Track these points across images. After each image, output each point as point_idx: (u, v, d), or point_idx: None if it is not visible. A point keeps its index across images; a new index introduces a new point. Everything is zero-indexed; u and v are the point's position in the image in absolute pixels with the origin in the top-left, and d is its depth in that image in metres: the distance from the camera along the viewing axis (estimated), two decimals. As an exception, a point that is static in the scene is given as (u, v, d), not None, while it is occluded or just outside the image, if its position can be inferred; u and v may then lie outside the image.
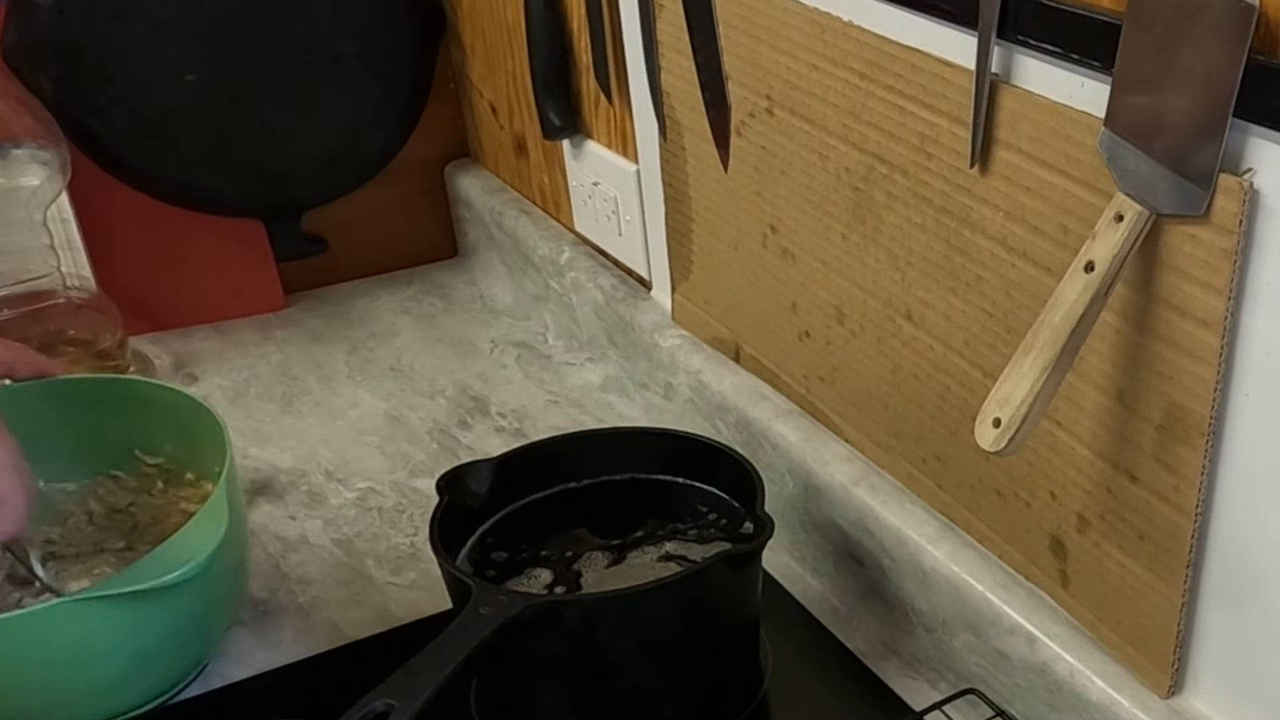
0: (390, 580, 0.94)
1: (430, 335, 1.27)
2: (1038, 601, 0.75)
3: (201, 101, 1.17)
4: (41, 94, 1.10)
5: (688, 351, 1.04)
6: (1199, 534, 0.63)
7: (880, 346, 0.82)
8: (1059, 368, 0.60)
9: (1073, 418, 0.68)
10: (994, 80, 0.66)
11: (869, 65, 0.75)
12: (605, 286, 1.14)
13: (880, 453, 0.86)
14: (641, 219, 1.08)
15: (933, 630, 0.81)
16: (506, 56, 1.22)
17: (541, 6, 1.09)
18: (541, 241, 1.23)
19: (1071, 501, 0.70)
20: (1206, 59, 0.54)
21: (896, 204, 0.76)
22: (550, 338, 1.25)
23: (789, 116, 0.83)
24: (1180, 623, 0.66)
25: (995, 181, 0.68)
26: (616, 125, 1.08)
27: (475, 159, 1.39)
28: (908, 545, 0.81)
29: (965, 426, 0.75)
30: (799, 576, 0.92)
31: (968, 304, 0.73)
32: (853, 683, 0.83)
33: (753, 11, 0.83)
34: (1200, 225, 0.57)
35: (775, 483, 0.92)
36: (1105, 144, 0.60)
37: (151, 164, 1.18)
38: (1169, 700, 0.68)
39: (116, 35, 1.12)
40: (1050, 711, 0.74)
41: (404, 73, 1.28)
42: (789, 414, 0.93)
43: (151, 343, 1.24)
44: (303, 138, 1.23)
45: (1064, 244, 0.65)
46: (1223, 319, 0.58)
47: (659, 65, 0.95)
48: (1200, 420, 0.61)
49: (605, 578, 0.81)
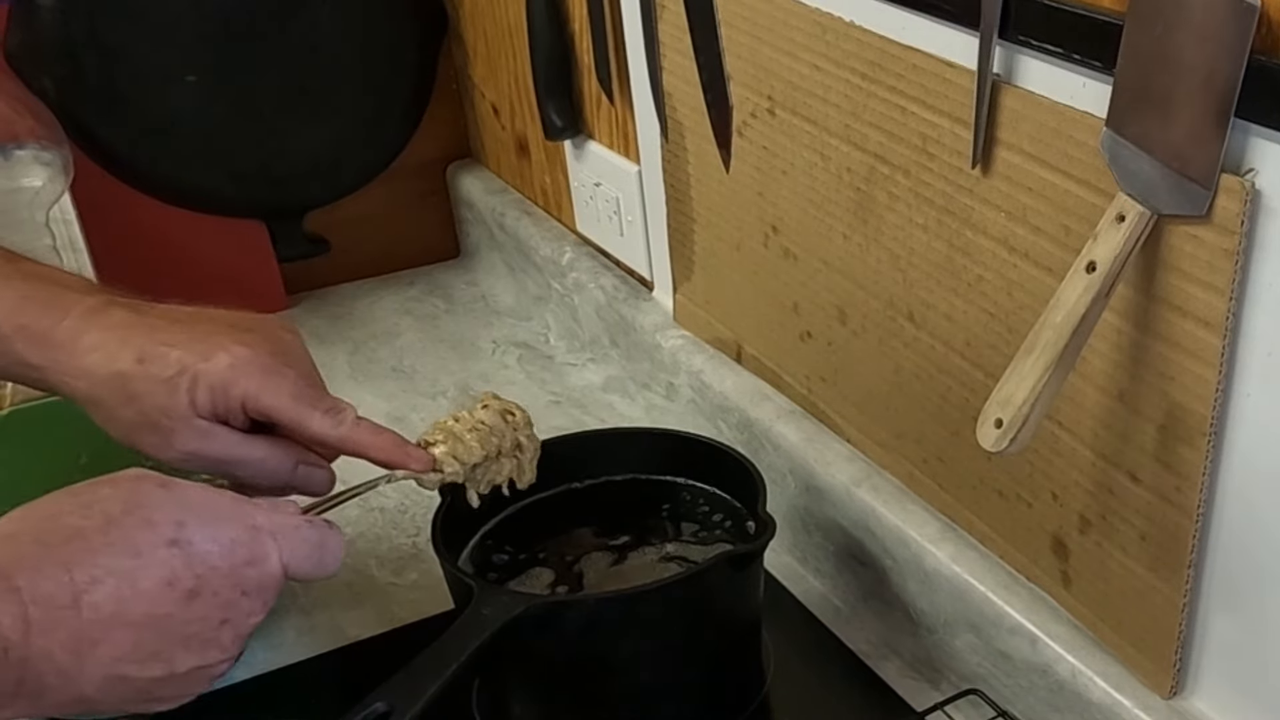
0: (392, 580, 0.94)
1: (432, 336, 1.27)
2: (1039, 602, 0.75)
3: (203, 102, 1.17)
4: (44, 95, 1.11)
5: (689, 352, 1.04)
6: (1200, 534, 0.63)
7: (882, 347, 0.82)
8: (1061, 368, 0.60)
9: (1074, 418, 0.68)
10: (995, 80, 0.66)
11: (870, 65, 0.75)
12: (607, 287, 1.14)
13: (882, 453, 0.86)
14: (643, 219, 1.08)
15: (934, 631, 0.81)
16: (508, 57, 1.22)
17: (543, 7, 1.09)
18: (543, 242, 1.23)
19: (1073, 502, 0.70)
20: (1208, 59, 0.54)
21: (898, 204, 0.76)
22: (552, 338, 1.25)
23: (790, 117, 0.83)
24: (1182, 623, 0.66)
25: (997, 182, 0.68)
26: (618, 126, 1.08)
27: (477, 159, 1.39)
28: (909, 546, 0.81)
29: (967, 427, 0.75)
30: (800, 577, 0.92)
31: (969, 304, 0.73)
32: (854, 683, 0.83)
33: (754, 12, 0.83)
34: (1202, 225, 0.57)
35: (777, 483, 0.92)
36: (1107, 144, 0.60)
37: (154, 165, 1.19)
38: (1171, 700, 0.68)
39: (118, 36, 1.12)
40: (1052, 712, 0.74)
41: (405, 73, 1.28)
42: (790, 414, 0.93)
43: (153, 343, 1.24)
44: (304, 138, 1.24)
45: (1065, 244, 0.65)
46: (1224, 319, 0.58)
47: (660, 66, 0.95)
48: (1202, 420, 0.61)
49: (607, 578, 0.81)
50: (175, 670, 0.57)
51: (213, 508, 0.59)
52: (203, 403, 0.66)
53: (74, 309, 0.68)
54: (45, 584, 0.53)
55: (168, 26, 1.14)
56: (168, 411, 0.65)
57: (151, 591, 0.55)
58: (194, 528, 0.57)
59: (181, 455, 0.68)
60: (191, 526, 0.57)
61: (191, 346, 0.67)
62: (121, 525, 0.56)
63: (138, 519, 0.56)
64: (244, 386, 0.66)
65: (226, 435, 0.68)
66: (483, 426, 0.74)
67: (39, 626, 0.53)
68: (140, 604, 0.55)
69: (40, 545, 0.55)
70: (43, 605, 0.53)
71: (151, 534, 0.56)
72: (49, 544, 0.55)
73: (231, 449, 0.68)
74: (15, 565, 0.53)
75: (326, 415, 0.68)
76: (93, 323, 0.67)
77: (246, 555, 0.58)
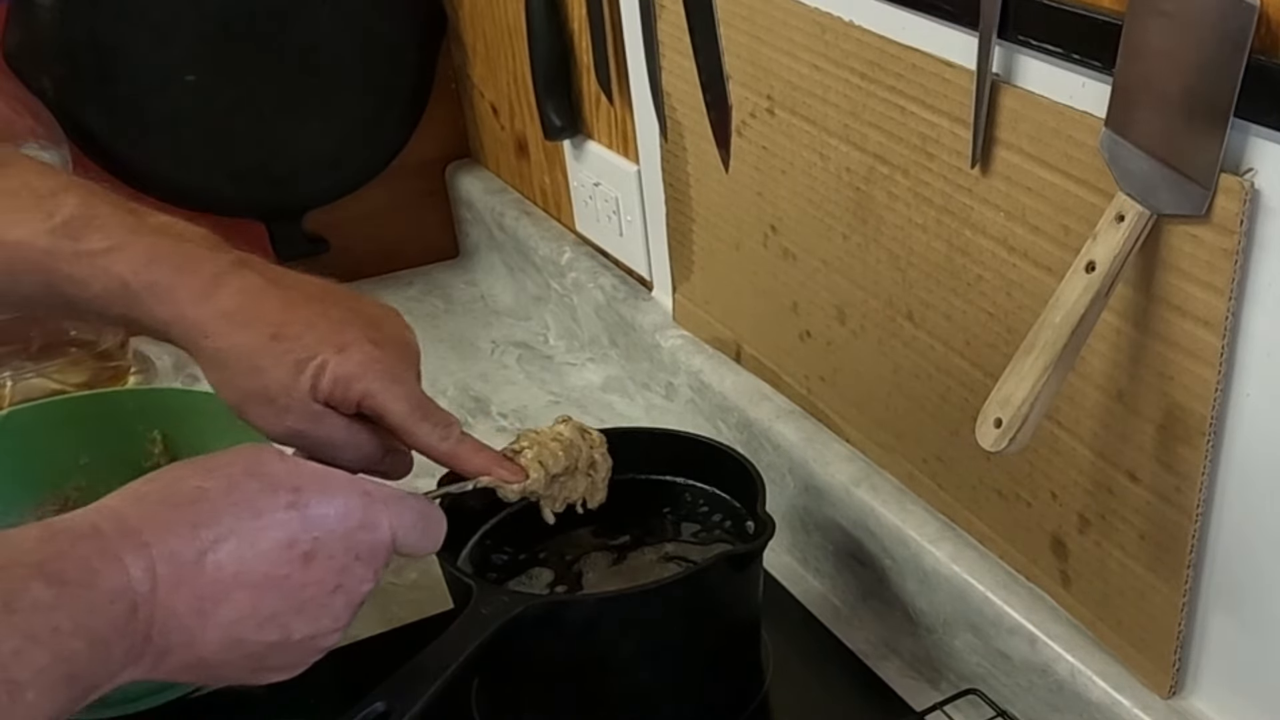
0: (391, 580, 0.94)
1: (431, 335, 1.27)
2: (1039, 602, 0.75)
3: (202, 102, 1.17)
4: (43, 94, 1.10)
5: (689, 352, 1.04)
6: (1200, 534, 0.63)
7: (881, 347, 0.82)
8: (1060, 368, 0.60)
9: (1074, 418, 0.68)
10: (995, 80, 0.66)
11: (870, 65, 0.75)
12: (606, 287, 1.14)
13: (881, 453, 0.86)
14: (642, 219, 1.08)
15: (934, 630, 0.81)
16: (507, 57, 1.22)
17: (542, 7, 1.09)
18: (542, 242, 1.23)
19: (1072, 501, 0.70)
20: (1207, 59, 0.54)
21: (897, 204, 0.76)
22: (551, 338, 1.25)
23: (790, 117, 0.83)
24: (1181, 623, 0.66)
25: (996, 182, 0.68)
26: (617, 125, 1.08)
27: (476, 159, 1.39)
28: (909, 545, 0.81)
29: (966, 426, 0.75)
30: (800, 577, 0.92)
31: (969, 304, 0.73)
32: (854, 683, 0.83)
33: (754, 12, 0.83)
34: (1201, 225, 0.57)
35: (776, 483, 0.92)
36: (1106, 144, 0.60)
37: (152, 164, 1.18)
38: (1170, 700, 0.68)
39: (117, 35, 1.12)
40: (1051, 712, 0.74)
41: (405, 73, 1.28)
42: (790, 414, 0.93)
43: (153, 343, 1.23)
44: (304, 138, 1.24)
45: (1065, 244, 0.65)
46: (1224, 319, 0.58)
47: (660, 65, 0.95)
48: (1201, 420, 0.61)
49: (606, 578, 0.81)
50: (290, 636, 0.59)
51: (326, 475, 0.61)
52: (324, 389, 0.67)
53: (205, 267, 0.69)
54: (173, 540, 0.55)
55: (167, 26, 1.14)
56: (289, 390, 0.67)
57: (271, 552, 0.57)
58: (310, 492, 0.59)
59: (288, 433, 0.70)
60: (308, 491, 0.59)
61: (327, 334, 0.68)
62: (243, 488, 0.58)
63: (258, 483, 0.58)
64: (367, 385, 0.68)
65: (335, 420, 0.70)
66: (563, 438, 0.76)
67: (166, 583, 0.54)
68: (261, 564, 0.57)
69: (167, 505, 0.56)
70: (170, 562, 0.54)
71: (271, 497, 0.58)
72: (176, 504, 0.56)
73: (336, 433, 0.70)
74: (144, 523, 0.55)
75: (436, 428, 0.70)
76: (226, 284, 0.68)
77: (360, 520, 0.60)
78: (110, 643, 0.52)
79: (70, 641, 0.50)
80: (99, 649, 0.51)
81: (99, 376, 1.09)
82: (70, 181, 0.71)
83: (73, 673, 0.50)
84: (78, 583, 0.51)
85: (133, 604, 0.53)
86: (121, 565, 0.53)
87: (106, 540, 0.53)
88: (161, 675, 0.55)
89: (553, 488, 0.76)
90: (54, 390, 1.05)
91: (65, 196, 0.69)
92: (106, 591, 0.52)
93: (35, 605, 0.49)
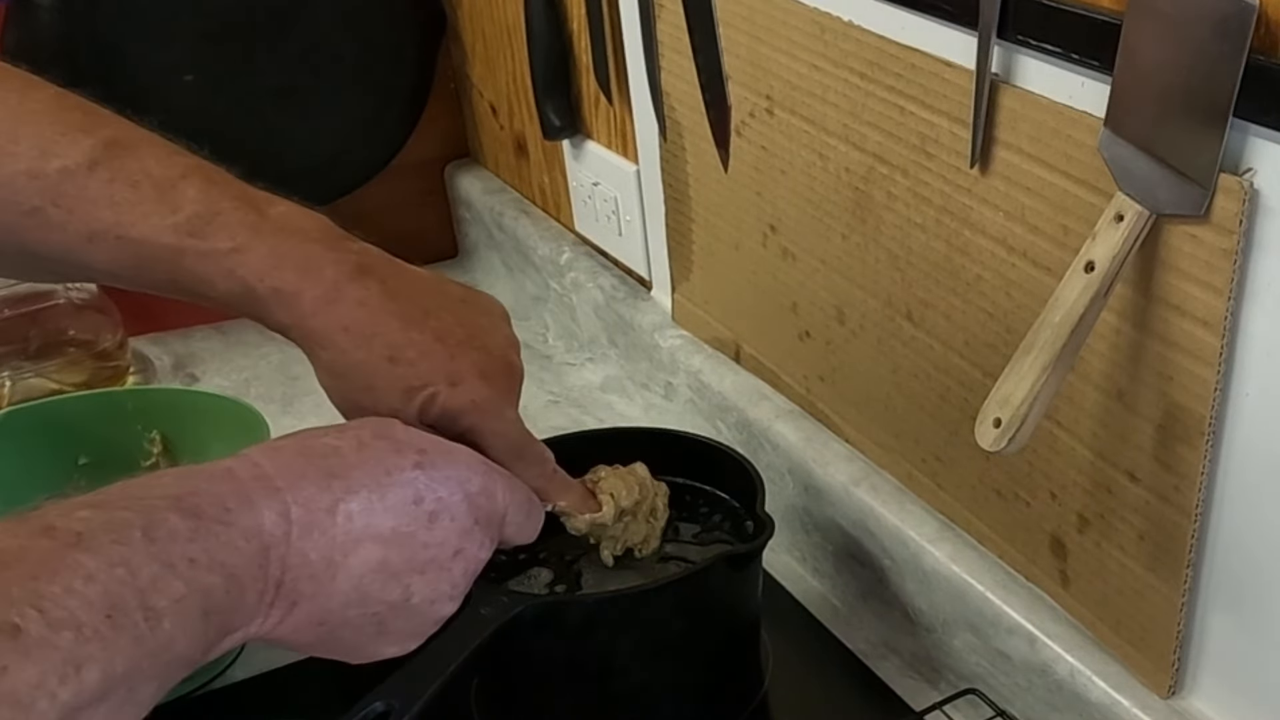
0: (391, 580, 0.94)
1: (431, 335, 1.27)
2: (1038, 601, 0.75)
3: (201, 102, 1.17)
4: (42, 94, 1.10)
5: (688, 351, 1.04)
6: (1199, 534, 0.64)
7: (880, 346, 0.82)
8: (1059, 368, 0.60)
9: (1073, 418, 0.68)
10: (994, 80, 0.66)
11: (869, 65, 0.75)
12: (605, 287, 1.14)
13: (880, 453, 0.86)
14: (641, 219, 1.08)
15: (933, 630, 0.81)
16: (506, 57, 1.22)
17: (542, 7, 1.09)
18: (542, 242, 1.23)
19: (1072, 501, 0.71)
20: (1206, 59, 0.54)
21: (897, 204, 0.76)
22: (550, 338, 1.25)
23: (789, 116, 0.83)
24: (1180, 622, 0.66)
25: (995, 181, 0.69)
26: (616, 125, 1.08)
27: (475, 159, 1.39)
28: (908, 545, 0.81)
29: (965, 426, 0.75)
30: (799, 577, 0.92)
31: (968, 304, 0.73)
32: (853, 683, 0.83)
33: (753, 11, 0.83)
34: (1200, 225, 0.57)
35: (775, 483, 0.92)
36: (1105, 144, 0.60)
37: (152, 164, 1.18)
38: (1169, 700, 0.68)
39: (117, 35, 1.12)
40: (1050, 711, 0.74)
41: (404, 73, 1.28)
42: (789, 414, 0.93)
43: (152, 343, 1.24)
44: (302, 138, 1.23)
45: (1064, 244, 0.65)
46: (1223, 319, 0.58)
47: (659, 65, 0.95)
48: (1200, 420, 0.61)
49: (606, 578, 0.81)
50: (410, 598, 0.60)
51: (449, 443, 0.63)
52: (430, 416, 0.69)
53: (327, 272, 0.70)
54: (307, 488, 0.56)
55: (167, 26, 1.13)
56: (397, 413, 0.68)
57: (399, 507, 0.59)
58: (436, 454, 0.61)
59: None
60: (433, 453, 0.61)
61: (442, 364, 0.69)
62: (372, 447, 0.60)
63: (387, 443, 0.61)
64: (473, 421, 0.69)
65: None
66: (637, 475, 0.78)
67: (300, 528, 0.55)
68: (388, 518, 0.58)
69: (302, 457, 0.58)
70: (305, 507, 0.55)
71: (399, 456, 0.60)
72: (310, 456, 0.58)
73: None
74: (279, 471, 0.56)
75: (530, 466, 0.71)
76: (346, 295, 0.69)
77: (480, 485, 0.62)
78: (244, 583, 0.52)
79: (206, 576, 0.50)
80: (233, 587, 0.52)
81: (98, 376, 1.09)
82: (187, 166, 0.72)
83: (208, 608, 0.50)
84: (213, 519, 0.52)
85: (265, 546, 0.54)
86: (256, 508, 0.54)
87: (241, 483, 0.54)
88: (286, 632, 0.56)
89: (616, 528, 0.77)
90: (53, 390, 1.05)
91: (185, 187, 0.71)
92: (241, 529, 0.53)
93: (173, 535, 0.50)
